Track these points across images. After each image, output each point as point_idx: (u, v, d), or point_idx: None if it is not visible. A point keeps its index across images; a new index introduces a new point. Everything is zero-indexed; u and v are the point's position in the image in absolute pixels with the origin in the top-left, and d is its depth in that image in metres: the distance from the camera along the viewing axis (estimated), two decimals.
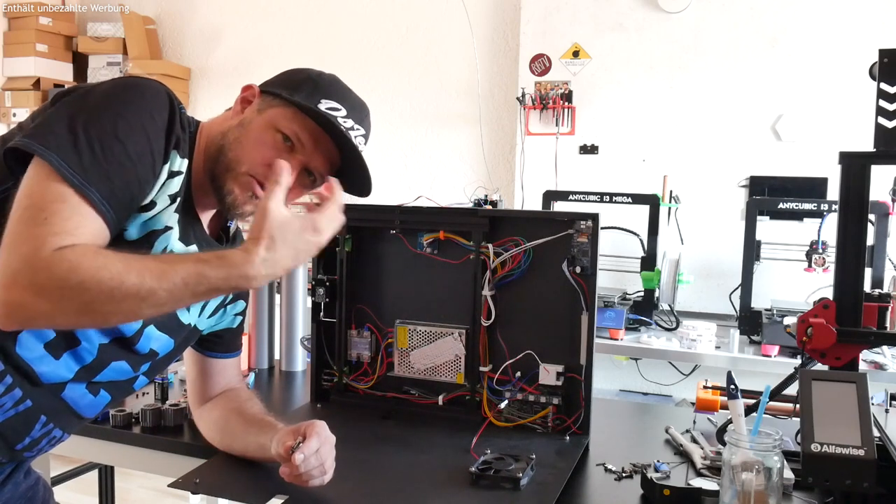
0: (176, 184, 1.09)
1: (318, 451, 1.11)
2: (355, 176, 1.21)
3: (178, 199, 1.11)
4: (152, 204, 1.07)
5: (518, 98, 3.53)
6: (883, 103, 1.18)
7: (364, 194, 1.25)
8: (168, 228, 1.11)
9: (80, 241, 0.93)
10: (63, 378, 1.08)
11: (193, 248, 1.17)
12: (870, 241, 2.45)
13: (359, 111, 1.21)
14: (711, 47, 3.28)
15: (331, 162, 1.20)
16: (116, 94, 1.03)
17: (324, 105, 1.16)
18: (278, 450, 1.13)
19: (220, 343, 1.36)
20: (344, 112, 1.18)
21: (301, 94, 1.16)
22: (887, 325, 1.23)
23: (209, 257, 0.98)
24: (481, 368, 1.50)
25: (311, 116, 1.15)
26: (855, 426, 1.01)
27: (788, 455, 1.20)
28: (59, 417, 1.11)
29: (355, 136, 1.18)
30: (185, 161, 1.10)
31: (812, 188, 2.87)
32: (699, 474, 1.25)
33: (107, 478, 2.60)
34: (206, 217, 1.23)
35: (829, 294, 1.21)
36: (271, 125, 1.15)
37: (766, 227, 2.75)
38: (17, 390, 1.04)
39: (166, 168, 1.07)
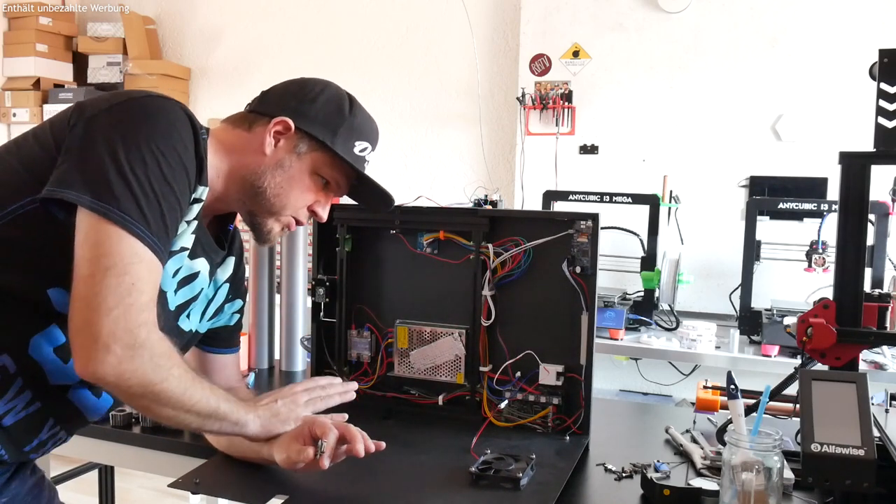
0: (195, 210, 1.12)
1: (339, 439, 1.14)
2: (373, 196, 1.33)
3: (195, 223, 1.13)
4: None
5: (518, 98, 3.53)
6: (883, 103, 1.18)
7: (385, 210, 1.37)
8: (183, 249, 1.13)
9: (154, 305, 1.01)
10: (71, 380, 1.08)
11: (201, 260, 1.19)
12: (870, 241, 2.45)
13: (376, 139, 1.31)
14: (711, 47, 3.28)
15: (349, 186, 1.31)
16: (147, 124, 1.02)
17: (357, 148, 1.24)
18: (290, 457, 1.13)
19: (218, 339, 1.36)
20: (370, 149, 1.27)
21: (340, 140, 1.22)
22: (887, 325, 1.22)
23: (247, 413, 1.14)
24: (481, 368, 1.50)
25: (349, 167, 1.23)
26: (855, 426, 1.01)
27: (788, 455, 1.20)
28: (67, 419, 1.12)
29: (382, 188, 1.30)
30: (206, 189, 1.12)
31: (812, 188, 2.87)
32: (699, 474, 1.25)
33: (107, 478, 2.60)
34: (206, 219, 1.23)
35: (829, 294, 1.21)
36: (313, 171, 1.22)
37: (766, 227, 2.75)
38: (27, 392, 1.05)
39: (192, 196, 1.09)
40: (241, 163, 1.19)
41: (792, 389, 1.24)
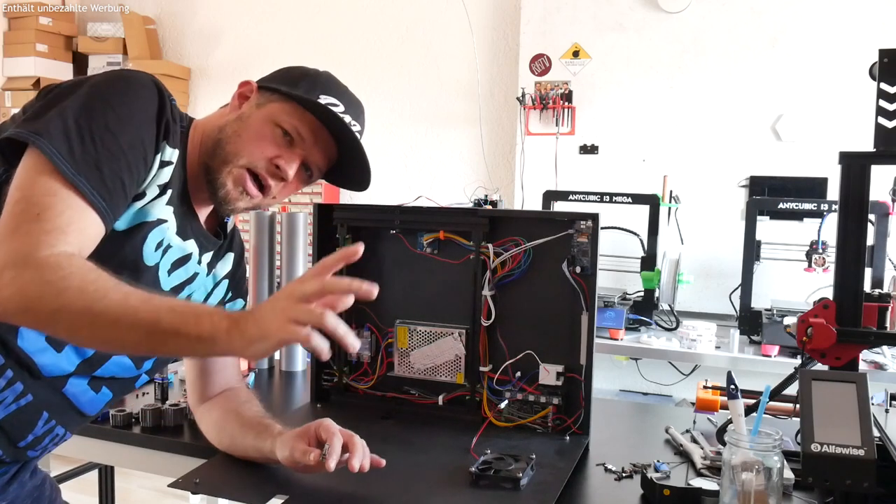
0: (166, 174, 1.10)
1: (343, 444, 1.09)
2: (354, 169, 1.23)
3: (171, 191, 1.11)
4: (143, 193, 1.07)
5: (518, 98, 3.53)
6: (883, 103, 1.18)
7: (363, 187, 1.27)
8: (161, 221, 1.11)
9: (72, 239, 0.93)
10: (64, 371, 1.08)
11: (191, 241, 1.18)
12: (870, 241, 2.45)
13: (356, 107, 1.23)
14: (711, 47, 3.28)
15: (329, 157, 1.22)
16: (107, 85, 1.03)
17: (323, 100, 1.17)
18: (293, 455, 1.10)
19: None
20: (342, 108, 1.19)
21: (300, 89, 1.17)
22: (887, 325, 1.22)
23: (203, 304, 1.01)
24: (481, 368, 1.50)
25: (310, 110, 1.17)
26: (855, 426, 1.01)
27: (788, 455, 1.20)
28: (61, 413, 1.11)
29: (354, 131, 1.20)
30: (176, 151, 1.10)
31: (812, 188, 2.87)
32: (699, 474, 1.25)
33: (107, 478, 2.60)
34: (203, 213, 1.23)
35: (829, 294, 1.21)
36: (271, 119, 1.16)
37: (766, 227, 2.75)
38: (18, 384, 1.04)
39: (157, 158, 1.07)
40: (210, 128, 1.19)
41: (792, 389, 1.24)
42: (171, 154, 1.10)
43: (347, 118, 1.19)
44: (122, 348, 0.99)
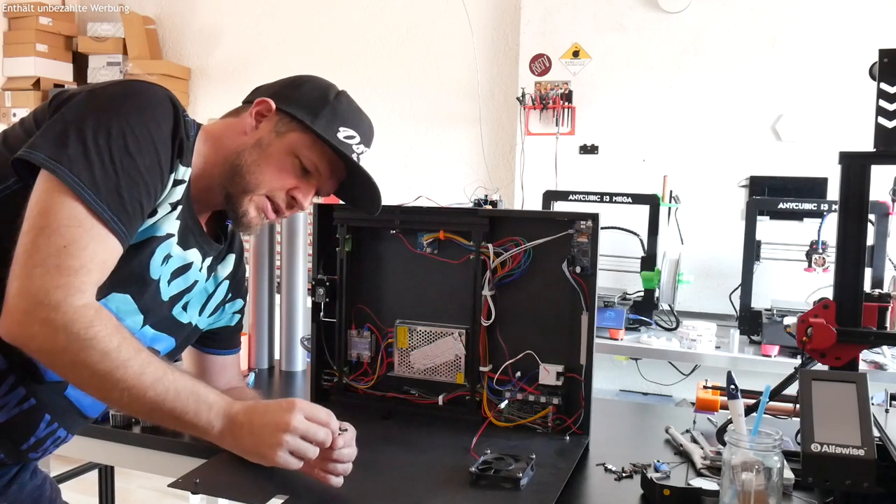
0: (178, 192, 1.10)
1: (351, 447, 1.12)
2: (366, 199, 1.27)
3: (181, 207, 1.12)
4: (154, 211, 1.07)
5: (518, 98, 3.53)
6: (883, 103, 1.18)
7: (372, 213, 1.30)
8: (170, 235, 1.12)
9: (96, 277, 0.96)
10: None
11: (193, 251, 1.18)
12: (870, 241, 2.45)
13: (369, 134, 1.25)
14: (711, 47, 3.28)
15: (339, 182, 1.25)
16: (123, 102, 1.02)
17: (342, 134, 1.18)
18: None
19: (218, 340, 1.36)
20: (358, 139, 1.21)
21: (321, 122, 1.18)
22: (887, 325, 1.22)
23: (206, 388, 1.06)
24: (481, 368, 1.50)
25: (331, 148, 1.18)
26: (855, 426, 1.01)
27: (788, 455, 1.20)
28: (64, 416, 1.11)
29: (364, 160, 1.23)
30: (189, 170, 1.11)
31: (812, 188, 2.87)
32: (699, 474, 1.25)
33: (107, 478, 2.60)
34: (203, 217, 1.23)
35: (829, 294, 1.21)
36: (291, 152, 1.17)
37: (766, 227, 2.75)
38: (20, 388, 1.04)
39: (172, 177, 1.07)
40: (226, 146, 1.18)
41: (792, 389, 1.24)
42: (185, 173, 1.10)
43: (361, 147, 1.21)
44: (121, 409, 1.11)
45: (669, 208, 3.06)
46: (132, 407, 1.00)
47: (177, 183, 1.09)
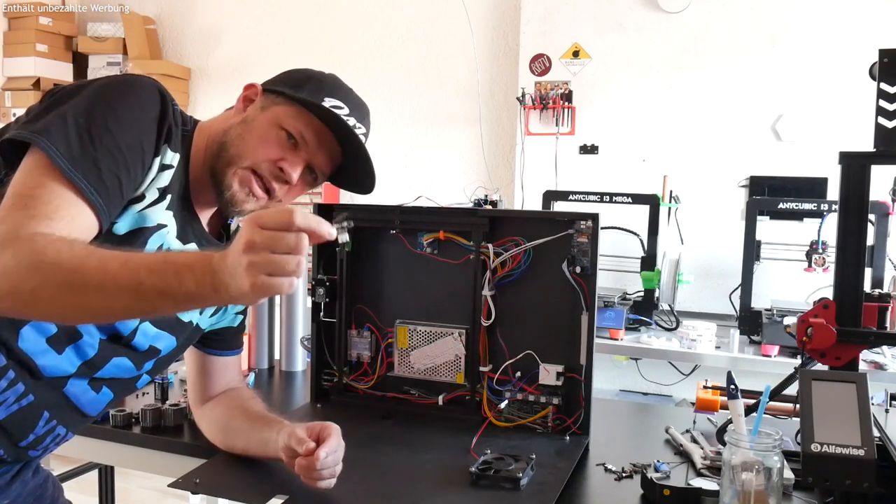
0: (166, 178, 1.10)
1: (336, 453, 1.10)
2: (358, 172, 1.23)
3: (171, 196, 1.11)
4: (142, 196, 1.07)
5: (518, 98, 3.53)
6: (883, 103, 1.18)
7: (367, 191, 1.26)
8: (161, 226, 1.11)
9: (58, 226, 0.91)
10: (65, 372, 1.08)
11: (192, 245, 1.18)
12: (870, 241, 2.45)
13: (360, 110, 1.23)
14: (711, 47, 3.28)
15: (333, 160, 1.22)
16: (109, 88, 1.04)
17: (327, 103, 1.17)
18: (288, 441, 1.10)
19: (220, 341, 1.36)
20: (347, 111, 1.19)
21: (305, 92, 1.17)
22: (887, 325, 1.22)
23: (178, 253, 0.95)
24: (481, 368, 1.50)
25: (315, 113, 1.16)
26: (855, 426, 1.01)
27: (788, 455, 1.20)
28: (62, 414, 1.11)
29: (358, 134, 1.20)
30: (177, 155, 1.11)
31: (812, 188, 2.87)
32: (699, 474, 1.25)
33: (107, 478, 2.60)
34: (205, 215, 1.23)
35: (829, 294, 1.21)
36: (275, 122, 1.16)
37: (766, 227, 2.75)
38: (19, 385, 1.04)
39: (157, 161, 1.07)
40: (215, 131, 1.19)
41: (792, 389, 1.24)
42: (172, 158, 1.10)
43: (352, 121, 1.19)
44: (116, 317, 0.95)
45: (669, 208, 3.06)
46: (117, 305, 0.86)
47: (165, 167, 1.09)
